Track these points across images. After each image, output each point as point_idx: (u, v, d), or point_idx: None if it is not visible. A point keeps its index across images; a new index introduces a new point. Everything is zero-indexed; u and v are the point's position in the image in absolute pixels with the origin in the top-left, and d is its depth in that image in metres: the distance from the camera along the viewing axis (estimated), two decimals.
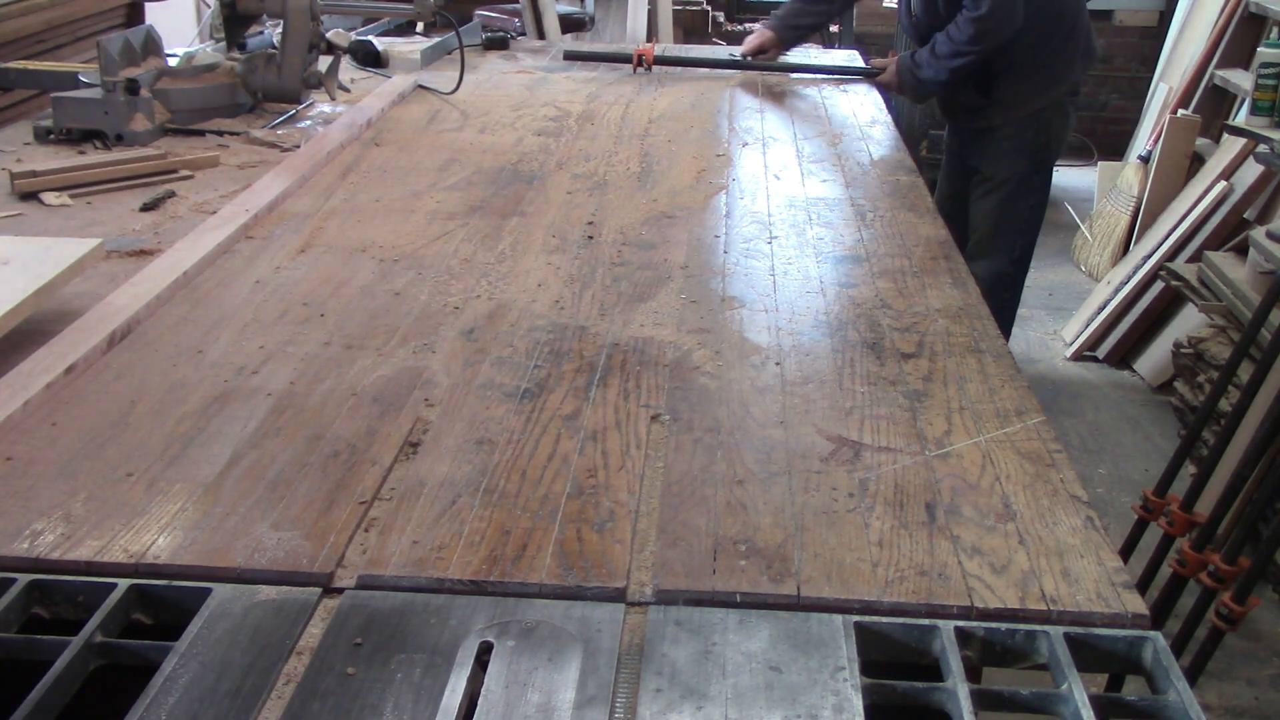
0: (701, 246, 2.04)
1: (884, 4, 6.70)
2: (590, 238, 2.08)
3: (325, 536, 1.17)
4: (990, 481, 1.30)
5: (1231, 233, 4.04)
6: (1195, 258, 4.00)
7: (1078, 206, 5.88)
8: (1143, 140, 5.07)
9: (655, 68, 3.60)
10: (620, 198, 2.31)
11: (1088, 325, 4.46)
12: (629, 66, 3.61)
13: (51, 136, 2.63)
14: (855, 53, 4.08)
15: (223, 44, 3.19)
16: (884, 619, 1.07)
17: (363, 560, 1.14)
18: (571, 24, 4.75)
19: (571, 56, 3.74)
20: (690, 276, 1.90)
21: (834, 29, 5.89)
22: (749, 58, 3.59)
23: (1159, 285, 4.17)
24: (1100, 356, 4.41)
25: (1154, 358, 4.23)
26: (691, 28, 6.09)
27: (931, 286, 1.87)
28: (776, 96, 3.30)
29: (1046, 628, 1.05)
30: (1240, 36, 4.58)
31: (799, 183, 2.44)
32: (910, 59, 3.27)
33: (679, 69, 3.63)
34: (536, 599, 1.09)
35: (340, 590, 1.10)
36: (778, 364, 1.58)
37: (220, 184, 2.38)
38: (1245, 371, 2.85)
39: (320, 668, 0.99)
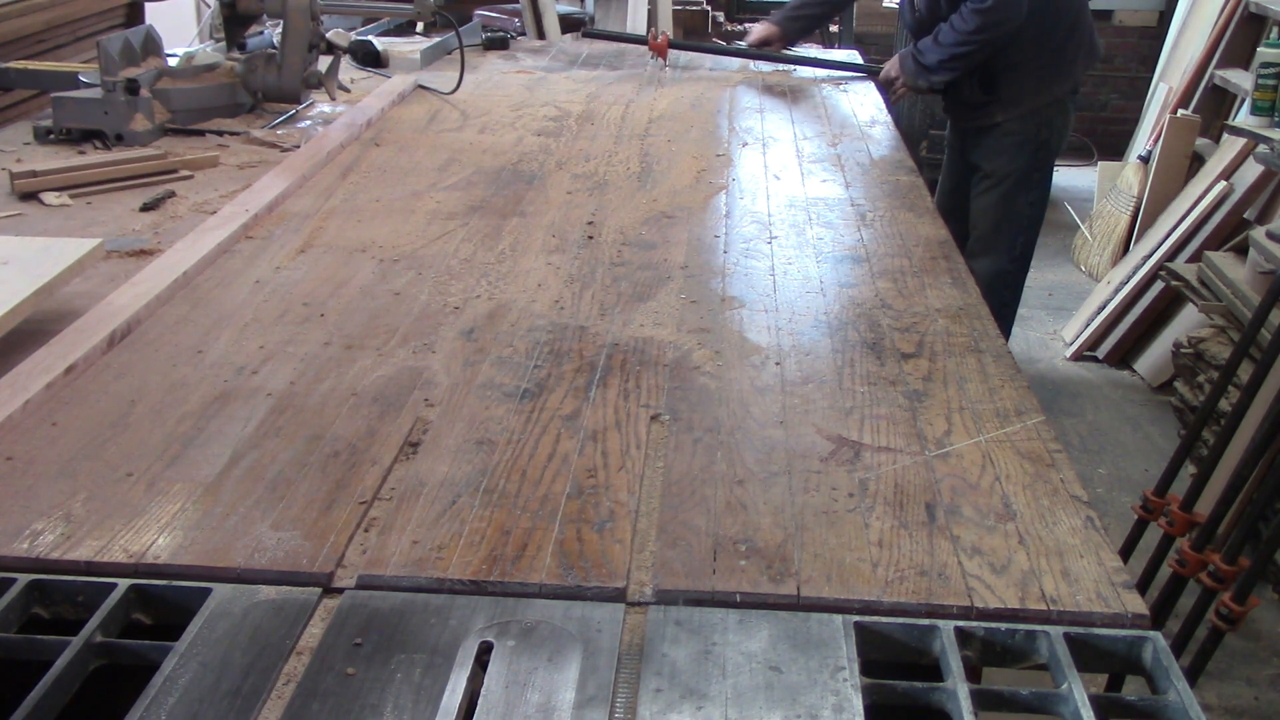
0: (701, 246, 2.04)
1: (884, 3, 6.69)
2: (590, 238, 2.08)
3: (325, 536, 1.17)
4: (990, 481, 1.30)
5: (1231, 233, 4.04)
6: (1195, 258, 4.00)
7: (1078, 206, 5.88)
8: (1143, 140, 5.07)
9: (669, 54, 3.75)
10: (620, 198, 2.31)
11: (1088, 325, 4.46)
12: (631, 68, 3.65)
13: (51, 136, 2.63)
14: (855, 53, 4.09)
15: (223, 44, 3.19)
16: (884, 619, 1.07)
17: (363, 560, 1.14)
18: (571, 24, 4.76)
19: (590, 35, 4.11)
20: (690, 276, 1.90)
21: (834, 28, 5.90)
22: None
23: (1159, 285, 4.17)
24: (1100, 356, 4.41)
25: (1154, 358, 4.23)
26: (691, 27, 6.08)
27: (931, 286, 1.87)
28: (776, 96, 3.30)
29: (1046, 628, 1.05)
30: (1240, 36, 4.58)
31: (799, 183, 2.44)
32: (913, 47, 3.29)
33: (684, 67, 3.67)
34: (536, 599, 1.09)
35: (340, 590, 1.10)
36: (778, 364, 1.58)
37: (220, 184, 2.38)
38: (1245, 371, 2.85)
39: (320, 668, 0.99)
